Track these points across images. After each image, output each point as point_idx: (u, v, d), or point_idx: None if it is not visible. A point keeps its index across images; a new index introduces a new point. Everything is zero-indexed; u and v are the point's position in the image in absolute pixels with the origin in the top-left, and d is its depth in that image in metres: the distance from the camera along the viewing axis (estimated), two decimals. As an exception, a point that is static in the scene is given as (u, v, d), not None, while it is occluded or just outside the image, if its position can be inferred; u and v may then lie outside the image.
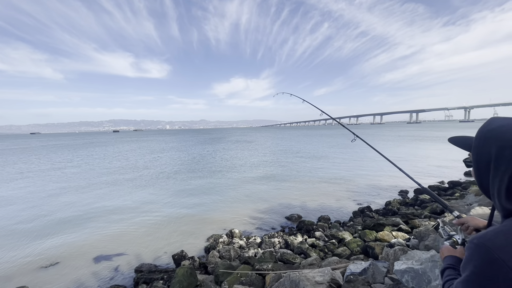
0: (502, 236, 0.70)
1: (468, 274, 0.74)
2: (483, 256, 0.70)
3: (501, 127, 0.77)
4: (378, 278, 3.17)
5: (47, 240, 7.37)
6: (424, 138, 43.96)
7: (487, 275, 0.68)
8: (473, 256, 0.73)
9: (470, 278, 0.73)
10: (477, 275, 0.71)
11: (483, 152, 0.81)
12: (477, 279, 0.71)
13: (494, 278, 0.67)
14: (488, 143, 0.79)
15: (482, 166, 0.83)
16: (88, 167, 21.33)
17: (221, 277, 4.58)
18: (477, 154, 0.84)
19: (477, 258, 0.72)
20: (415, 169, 15.71)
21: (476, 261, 0.72)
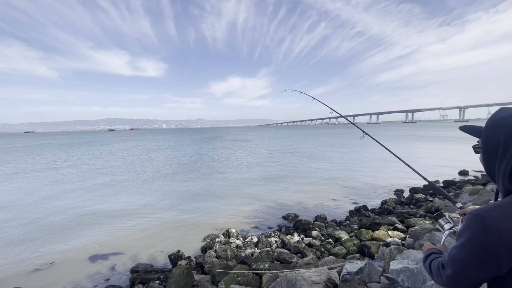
0: (498, 209, 0.79)
1: (464, 240, 0.82)
2: (478, 225, 0.78)
3: (510, 116, 0.85)
4: (374, 277, 3.20)
5: (42, 240, 7.28)
6: (419, 137, 44.36)
7: (481, 241, 0.76)
8: (470, 225, 0.81)
9: (465, 243, 0.81)
10: (472, 241, 0.79)
11: (492, 139, 0.89)
12: (471, 244, 0.79)
13: (487, 243, 0.75)
14: (497, 130, 0.87)
15: (490, 151, 0.90)
16: (83, 166, 21.13)
17: (218, 277, 4.57)
18: (487, 140, 0.92)
19: (473, 226, 0.79)
20: (413, 167, 15.81)
21: (472, 228, 0.80)
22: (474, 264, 0.79)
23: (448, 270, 0.86)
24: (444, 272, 0.89)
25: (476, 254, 0.78)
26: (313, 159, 22.24)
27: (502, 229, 0.74)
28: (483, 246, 0.76)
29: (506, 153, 0.83)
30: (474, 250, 0.78)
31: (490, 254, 0.75)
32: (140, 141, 62.82)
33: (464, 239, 0.82)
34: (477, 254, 0.78)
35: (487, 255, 0.76)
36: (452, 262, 0.85)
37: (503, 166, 0.85)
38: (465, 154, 21.21)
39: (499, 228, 0.74)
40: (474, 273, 0.80)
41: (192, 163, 21.82)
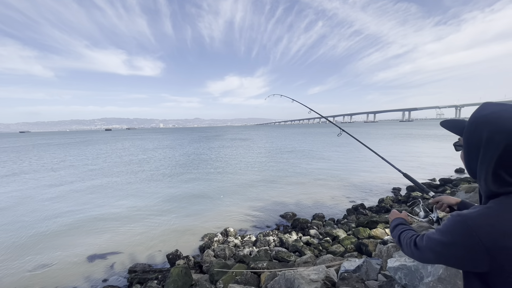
0: (483, 217, 0.78)
1: (445, 239, 0.84)
2: (462, 231, 0.79)
3: (493, 113, 0.80)
4: (372, 275, 3.22)
5: (39, 241, 7.22)
6: (416, 136, 44.65)
7: (462, 246, 0.78)
8: (455, 228, 0.82)
9: (446, 243, 0.83)
10: (453, 243, 0.81)
11: (474, 136, 0.85)
12: (452, 245, 0.81)
13: (468, 249, 0.77)
14: (480, 127, 0.83)
15: (472, 150, 0.87)
16: (81, 166, 20.97)
17: (216, 276, 4.57)
18: (468, 138, 0.88)
19: (457, 231, 0.81)
20: (408, 166, 15.94)
21: (456, 233, 0.81)
22: (449, 260, 0.85)
23: (423, 254, 0.94)
24: (417, 252, 0.97)
25: (455, 253, 0.82)
26: (310, 158, 22.30)
27: (485, 238, 0.75)
28: (463, 251, 0.79)
29: (488, 153, 0.80)
30: (453, 251, 0.82)
31: (469, 257, 0.79)
32: (138, 140, 62.52)
33: (445, 239, 0.84)
34: (455, 253, 0.81)
35: (465, 257, 0.79)
36: (429, 251, 0.91)
37: (485, 166, 0.82)
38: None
39: (482, 237, 0.75)
40: (447, 263, 0.87)
41: (190, 162, 21.76)
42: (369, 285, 2.88)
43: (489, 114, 0.82)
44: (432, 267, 2.00)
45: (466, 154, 0.92)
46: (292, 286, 2.79)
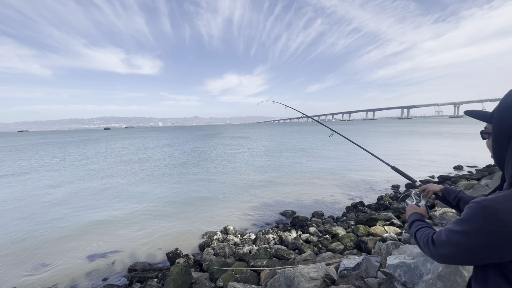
0: (508, 200, 0.75)
1: (468, 228, 0.79)
2: (489, 216, 0.74)
3: None
4: (371, 272, 3.23)
5: (39, 240, 7.22)
6: (415, 133, 44.73)
7: (488, 232, 0.73)
8: (477, 214, 0.77)
9: (470, 231, 0.78)
10: (480, 229, 0.76)
11: (506, 122, 0.81)
12: (478, 233, 0.76)
13: (496, 232, 0.72)
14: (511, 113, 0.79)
15: (503, 136, 0.83)
16: (80, 165, 20.93)
17: (216, 274, 4.58)
18: (499, 124, 0.84)
19: (484, 215, 0.75)
20: (407, 164, 15.99)
21: (480, 218, 0.76)
22: (475, 252, 0.78)
23: (443, 250, 0.87)
24: (436, 250, 0.90)
25: (481, 242, 0.76)
26: (309, 156, 22.32)
27: None
28: (490, 237, 0.74)
29: None
30: (478, 241, 0.77)
31: (497, 244, 0.74)
32: (137, 139, 62.39)
33: (469, 227, 0.79)
34: (482, 242, 0.76)
35: (493, 245, 0.74)
36: (450, 245, 0.84)
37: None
38: (460, 149, 21.48)
39: (511, 219, 0.72)
40: (468, 259, 0.82)
41: (190, 161, 21.75)
42: (369, 282, 2.89)
43: None
44: (432, 265, 2.00)
45: (495, 141, 0.88)
46: (292, 284, 2.80)
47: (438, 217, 4.43)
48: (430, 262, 2.05)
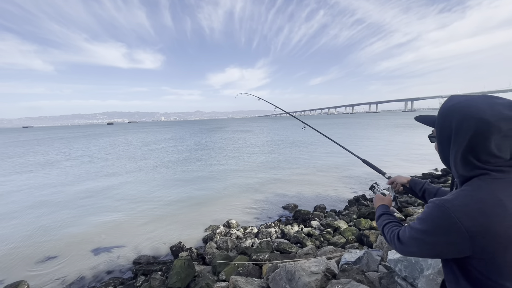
0: (459, 198, 0.82)
1: (425, 227, 0.87)
2: (441, 214, 0.82)
3: (459, 103, 0.87)
4: (372, 266, 3.24)
5: (43, 233, 7.34)
6: (418, 126, 44.35)
7: (443, 230, 0.81)
8: (433, 212, 0.85)
9: (426, 230, 0.86)
10: (434, 229, 0.84)
11: (444, 126, 0.91)
12: (433, 231, 0.84)
13: (449, 233, 0.80)
14: (448, 117, 0.89)
15: (444, 139, 0.93)
16: (85, 159, 21.12)
17: (219, 268, 4.64)
18: (440, 128, 0.93)
19: (436, 215, 0.84)
20: (410, 157, 15.91)
21: (434, 217, 0.84)
22: (433, 248, 0.87)
23: (408, 247, 0.96)
24: (401, 246, 0.99)
25: (437, 240, 0.84)
26: (312, 149, 22.28)
27: (463, 219, 0.78)
28: (444, 235, 0.82)
29: (457, 140, 0.86)
30: (435, 237, 0.85)
31: (451, 241, 0.81)
32: (140, 133, 62.66)
33: (427, 226, 0.87)
34: (438, 240, 0.84)
35: (448, 242, 0.82)
36: (413, 241, 0.93)
37: (454, 153, 0.88)
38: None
39: (460, 218, 0.79)
40: (431, 253, 0.91)
41: (192, 155, 21.83)
42: (370, 276, 2.90)
43: (455, 104, 0.88)
44: (433, 260, 2.00)
45: (439, 144, 0.97)
46: (293, 277, 2.82)
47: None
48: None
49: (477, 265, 0.82)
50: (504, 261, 0.77)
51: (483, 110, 0.80)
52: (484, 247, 0.77)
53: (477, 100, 0.84)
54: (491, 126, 0.77)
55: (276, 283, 3.05)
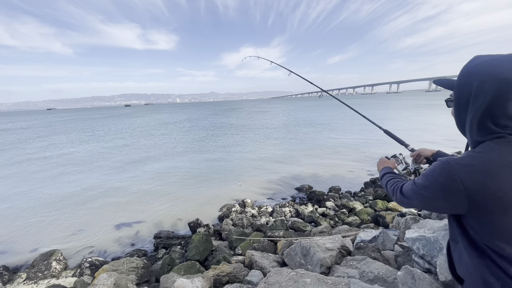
0: (466, 158, 0.81)
1: (428, 182, 0.88)
2: (443, 171, 0.82)
3: (482, 63, 0.80)
4: (388, 245, 3.23)
5: (71, 209, 7.88)
6: (443, 106, 42.06)
7: (443, 186, 0.82)
8: (436, 169, 0.85)
9: (428, 185, 0.87)
10: (435, 184, 0.85)
11: (464, 88, 0.85)
12: (434, 186, 0.85)
13: (448, 189, 0.81)
14: (470, 78, 0.82)
15: (462, 103, 0.87)
16: (108, 139, 22.01)
17: (235, 243, 4.82)
18: (459, 91, 0.88)
19: (439, 171, 0.84)
20: (433, 140, 15.26)
21: (437, 173, 0.84)
22: (432, 202, 0.88)
23: (409, 199, 0.97)
24: (402, 198, 1.01)
25: (436, 195, 0.85)
26: (328, 130, 21.88)
27: (464, 177, 0.77)
28: (443, 191, 0.82)
29: (476, 103, 0.80)
30: (434, 193, 0.85)
31: (448, 197, 0.82)
32: (157, 114, 63.96)
33: (428, 182, 0.87)
34: (437, 195, 0.85)
35: (445, 198, 0.82)
36: (414, 195, 0.94)
37: (471, 117, 0.83)
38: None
39: (462, 176, 0.78)
40: (429, 208, 0.94)
41: (209, 136, 22.13)
42: (385, 254, 2.90)
43: (478, 64, 0.81)
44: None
45: (456, 108, 0.92)
46: (308, 253, 2.87)
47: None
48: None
49: (473, 224, 0.82)
50: (501, 223, 0.75)
51: (508, 70, 0.74)
52: (482, 207, 0.77)
53: (504, 60, 0.77)
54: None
55: (291, 258, 3.12)
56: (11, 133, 32.88)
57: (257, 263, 3.37)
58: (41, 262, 4.73)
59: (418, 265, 2.22)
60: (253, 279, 2.93)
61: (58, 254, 4.95)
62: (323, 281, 2.05)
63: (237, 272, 3.35)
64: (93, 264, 4.64)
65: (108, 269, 3.71)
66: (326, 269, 2.65)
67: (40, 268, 4.58)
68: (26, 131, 35.56)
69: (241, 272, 3.38)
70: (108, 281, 2.67)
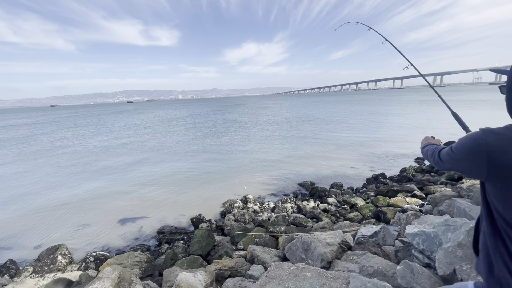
0: (501, 128, 0.84)
1: (459, 145, 0.96)
2: (476, 136, 0.87)
3: None
4: (389, 240, 3.25)
5: (76, 205, 7.99)
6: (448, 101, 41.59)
7: (469, 149, 0.89)
8: (471, 134, 0.92)
9: (459, 146, 0.96)
10: (465, 146, 0.92)
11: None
12: (463, 148, 0.93)
13: (473, 150, 0.88)
14: None
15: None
16: (113, 136, 22.16)
17: (237, 238, 4.87)
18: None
19: (472, 136, 0.90)
20: (437, 134, 15.14)
21: (470, 137, 0.90)
22: (457, 164, 0.97)
23: (442, 162, 1.07)
24: (438, 160, 1.11)
25: (462, 158, 0.93)
26: (331, 127, 21.82)
27: (491, 144, 0.82)
28: (469, 153, 0.89)
29: None
30: (463, 154, 0.93)
31: (473, 160, 0.88)
32: (160, 110, 64.11)
33: (459, 145, 0.96)
34: (462, 158, 0.93)
35: (470, 160, 0.89)
36: (447, 157, 1.04)
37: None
38: (496, 118, 19.80)
39: (490, 143, 0.82)
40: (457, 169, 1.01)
41: (212, 132, 22.19)
42: (386, 249, 2.93)
43: None
44: (453, 234, 1.96)
45: (508, 91, 0.91)
46: (309, 248, 2.91)
47: (465, 189, 4.26)
48: (451, 231, 2.01)
49: (490, 191, 0.87)
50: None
51: None
52: (499, 172, 0.81)
53: None
54: None
55: (292, 253, 3.16)
56: (17, 129, 33.20)
57: (259, 258, 3.41)
58: (47, 256, 4.83)
59: (418, 259, 2.24)
60: (254, 273, 2.98)
61: (63, 248, 5.05)
62: (323, 275, 2.08)
63: (239, 266, 3.40)
64: (98, 258, 4.73)
65: (112, 263, 3.78)
66: (326, 263, 2.68)
67: (46, 262, 4.67)
68: (31, 127, 35.88)
69: (243, 266, 3.42)
70: (113, 275, 2.72)
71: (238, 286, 2.57)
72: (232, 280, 2.68)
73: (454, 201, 3.25)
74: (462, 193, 4.18)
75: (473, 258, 1.70)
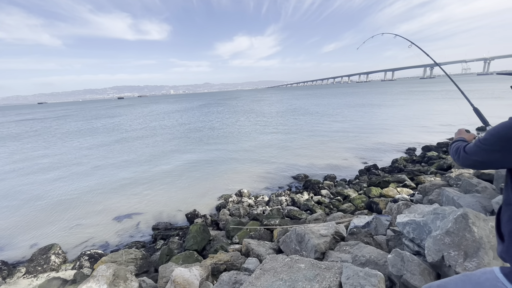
0: None
1: (489, 135, 0.96)
2: (505, 126, 0.90)
3: None
4: (381, 230, 3.33)
5: (70, 202, 7.88)
6: (436, 92, 42.27)
7: (504, 136, 0.89)
8: (501, 124, 0.93)
9: (489, 136, 0.96)
10: (496, 135, 0.93)
11: None
12: (494, 137, 0.93)
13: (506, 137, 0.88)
14: None
15: None
16: (105, 133, 21.78)
17: (232, 232, 4.90)
18: None
19: (503, 124, 0.91)
20: (427, 125, 15.41)
21: (501, 126, 0.92)
22: (489, 155, 0.96)
23: (469, 155, 1.06)
24: (463, 155, 1.10)
25: (495, 146, 0.93)
26: (324, 119, 21.94)
27: None
28: (502, 141, 0.90)
29: None
30: (495, 143, 0.93)
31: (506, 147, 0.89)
32: (153, 105, 63.19)
33: (489, 135, 0.96)
34: (495, 146, 0.93)
35: (504, 148, 0.90)
36: (474, 149, 1.03)
37: None
38: (487, 108, 20.24)
39: None
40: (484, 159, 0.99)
41: (205, 127, 22.03)
42: (377, 239, 2.99)
43: None
44: (441, 221, 2.02)
45: None
46: (303, 240, 2.95)
47: (453, 178, 4.37)
48: (440, 219, 2.07)
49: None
50: None
51: None
52: None
53: None
54: None
55: (287, 245, 3.20)
56: (5, 128, 32.29)
57: (254, 251, 3.45)
58: (40, 256, 4.77)
59: (408, 248, 2.30)
60: (250, 266, 3.01)
61: (56, 248, 4.99)
62: (317, 265, 2.12)
63: (234, 260, 3.43)
64: (92, 257, 4.70)
65: (107, 260, 3.76)
66: (320, 254, 2.73)
67: (39, 262, 4.62)
68: (20, 125, 34.93)
69: (238, 260, 3.46)
70: (107, 272, 2.71)
71: (234, 279, 2.60)
72: (227, 274, 2.71)
73: (443, 190, 3.33)
74: (451, 182, 4.29)
75: (460, 245, 1.76)
